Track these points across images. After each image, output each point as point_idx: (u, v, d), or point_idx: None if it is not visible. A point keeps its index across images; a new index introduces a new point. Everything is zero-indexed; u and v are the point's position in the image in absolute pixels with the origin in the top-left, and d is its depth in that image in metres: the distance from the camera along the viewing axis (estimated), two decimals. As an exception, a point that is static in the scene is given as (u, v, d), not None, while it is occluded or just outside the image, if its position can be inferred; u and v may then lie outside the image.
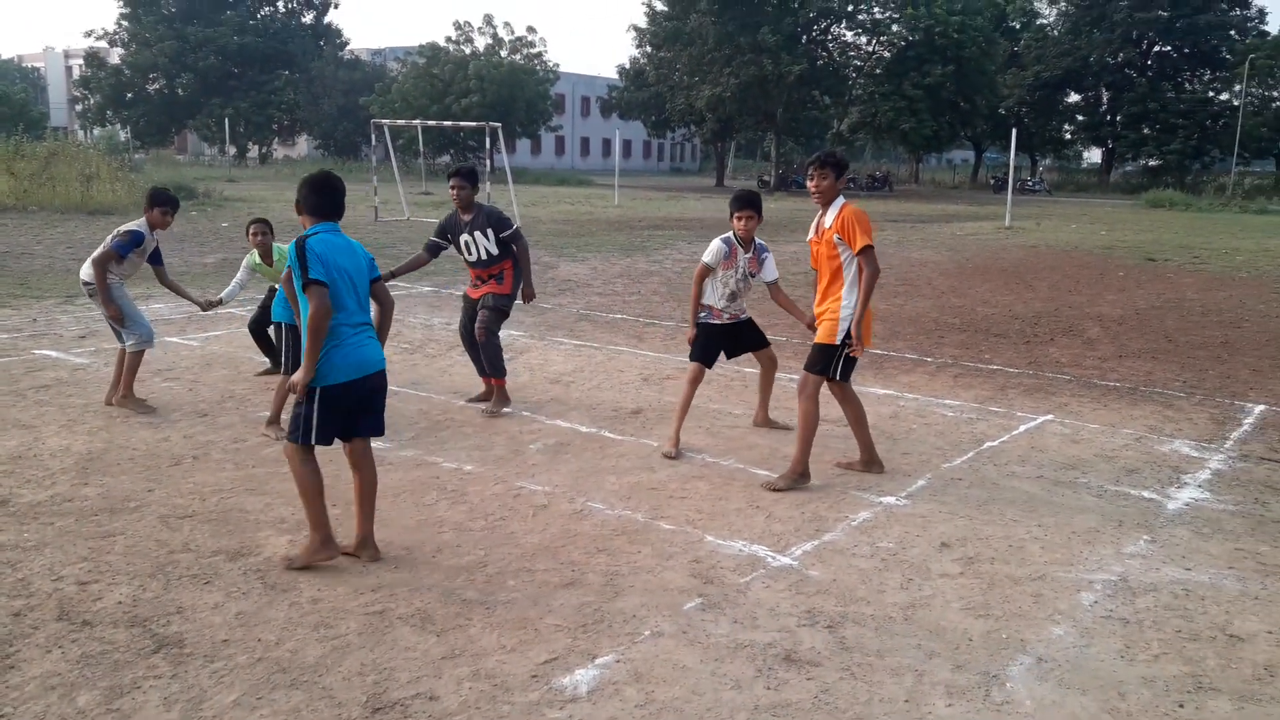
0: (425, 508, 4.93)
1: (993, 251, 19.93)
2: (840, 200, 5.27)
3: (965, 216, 31.73)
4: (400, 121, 33.53)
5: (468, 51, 51.66)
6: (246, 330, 8.02)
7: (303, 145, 63.38)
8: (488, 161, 28.90)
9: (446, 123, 34.07)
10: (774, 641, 3.66)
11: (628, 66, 57.40)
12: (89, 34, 58.17)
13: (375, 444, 5.86)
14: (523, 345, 9.11)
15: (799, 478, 5.29)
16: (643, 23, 53.21)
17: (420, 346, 8.94)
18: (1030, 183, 53.91)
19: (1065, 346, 9.79)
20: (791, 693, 3.32)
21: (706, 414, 6.80)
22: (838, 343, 5.25)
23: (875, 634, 3.76)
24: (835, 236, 5.19)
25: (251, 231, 7.13)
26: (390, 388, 7.17)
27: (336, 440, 4.28)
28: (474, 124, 30.56)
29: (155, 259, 6.86)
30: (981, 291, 13.76)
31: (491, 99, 47.89)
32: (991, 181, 55.42)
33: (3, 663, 3.35)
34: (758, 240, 6.06)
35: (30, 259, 14.12)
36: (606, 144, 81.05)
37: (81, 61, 59.86)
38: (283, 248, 7.15)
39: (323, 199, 4.25)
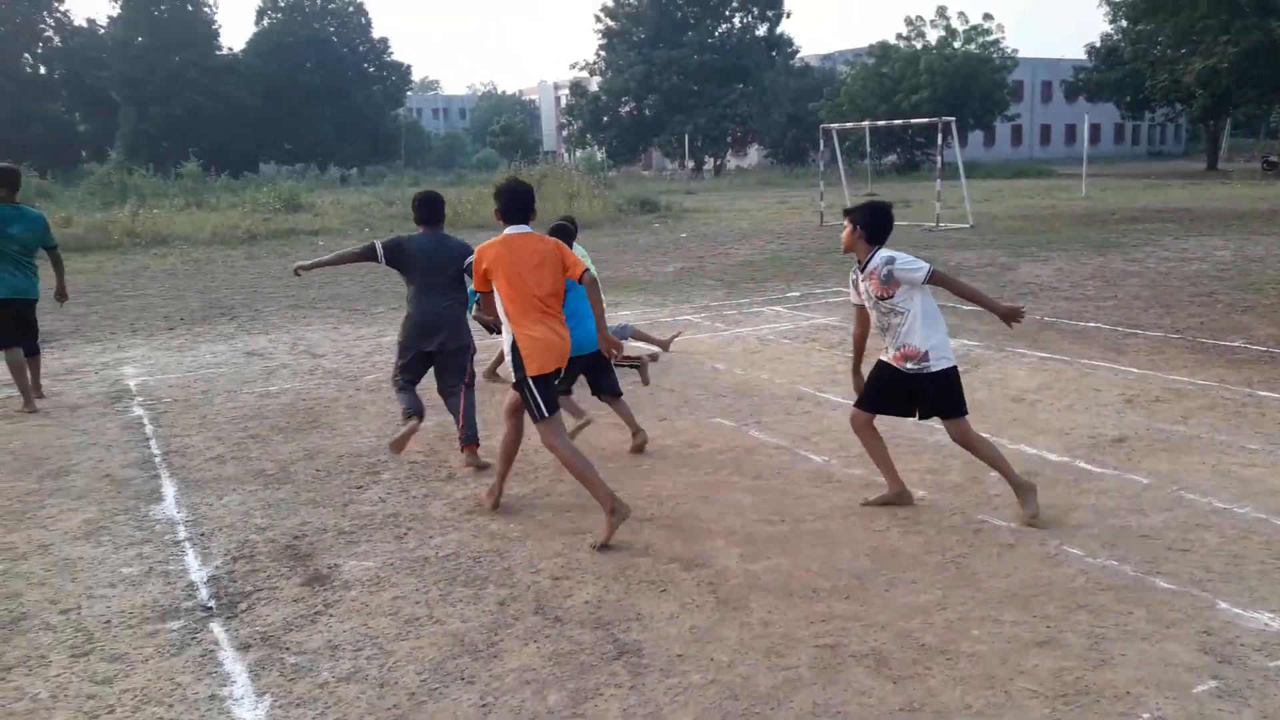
0: (876, 534, 4.65)
1: None
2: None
3: None
4: (849, 124, 33.48)
5: (919, 47, 50.32)
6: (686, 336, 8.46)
7: (753, 155, 66.01)
8: (937, 158, 27.80)
9: (896, 121, 33.34)
10: (1324, 754, 2.89)
11: (1098, 44, 52.26)
12: (574, 65, 65.77)
13: (817, 460, 5.73)
14: (979, 357, 8.47)
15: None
16: (1117, -4, 48.08)
17: (867, 357, 8.64)
18: None
19: None
20: (1357, 832, 2.57)
21: (1213, 447, 5.75)
22: None
23: None
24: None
25: None
26: (835, 399, 7.07)
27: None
28: (925, 120, 29.53)
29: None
30: None
31: (943, 92, 46.19)
32: None
33: (489, 650, 3.66)
34: (878, 252, 4.79)
35: (524, 269, 16.02)
36: (1070, 130, 74.66)
37: (567, 91, 67.76)
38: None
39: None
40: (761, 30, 63.44)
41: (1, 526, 5.07)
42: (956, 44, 50.30)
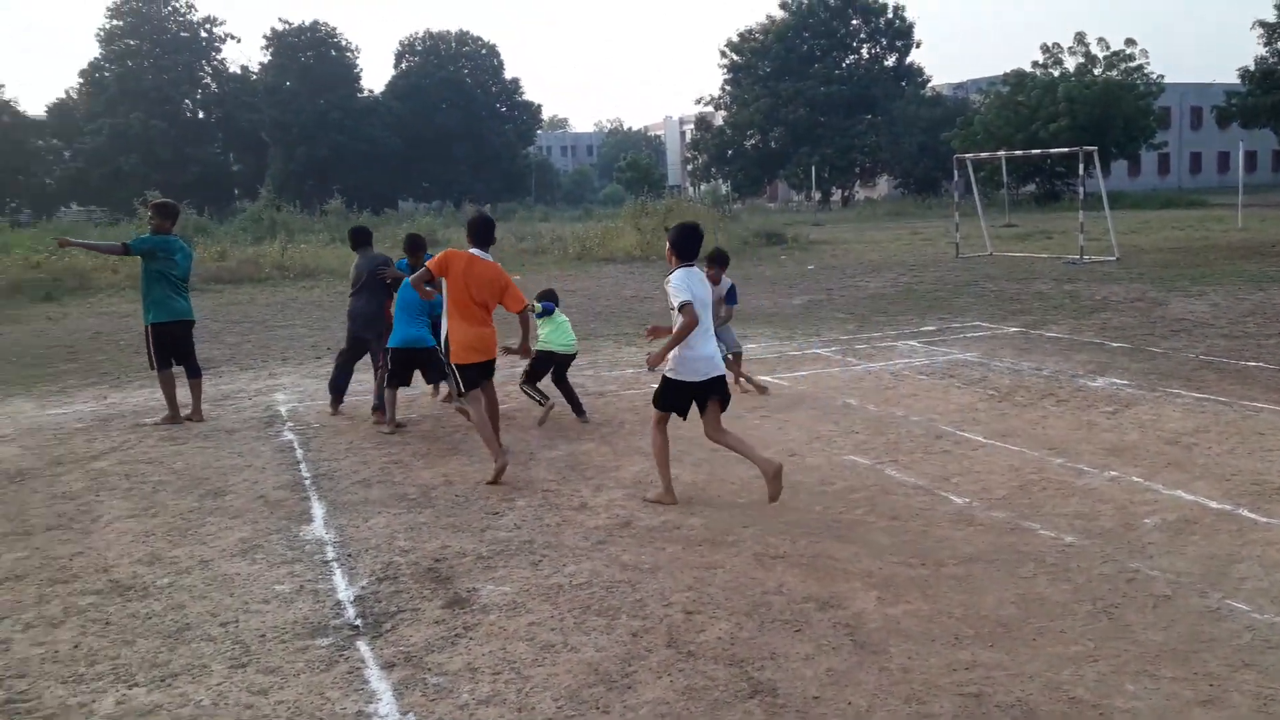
0: (1022, 581, 4.48)
1: None
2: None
3: None
4: (984, 154, 32.68)
5: (1056, 74, 48.80)
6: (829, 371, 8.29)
7: (883, 185, 65.11)
8: (1078, 188, 26.83)
9: (1034, 151, 32.38)
10: None
11: (1252, 67, 49.62)
12: (698, 100, 66.45)
13: (958, 501, 5.55)
14: (1129, 397, 8.07)
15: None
16: (1271, 17, 45.66)
17: (1009, 394, 8.38)
18: None
19: None
20: None
21: (1394, 497, 5.33)
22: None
23: None
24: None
25: None
26: (975, 439, 6.86)
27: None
28: (1064, 149, 28.58)
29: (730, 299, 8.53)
30: None
31: (1083, 121, 44.58)
32: None
33: (623, 681, 3.67)
34: (678, 269, 5.77)
35: (650, 302, 16.20)
36: (1223, 158, 70.95)
37: (693, 126, 68.40)
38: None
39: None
40: (890, 60, 62.78)
41: (167, 541, 5.40)
42: (1096, 71, 48.57)
